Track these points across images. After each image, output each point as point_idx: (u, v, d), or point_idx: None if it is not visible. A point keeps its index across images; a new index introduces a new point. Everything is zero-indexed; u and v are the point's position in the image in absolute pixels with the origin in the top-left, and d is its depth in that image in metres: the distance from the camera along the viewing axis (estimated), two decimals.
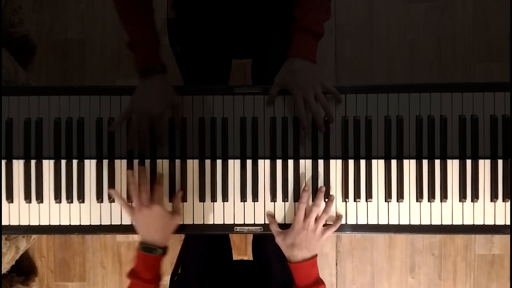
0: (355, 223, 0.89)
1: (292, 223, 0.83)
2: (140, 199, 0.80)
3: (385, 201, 0.89)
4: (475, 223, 0.88)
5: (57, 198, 0.90)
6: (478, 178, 0.88)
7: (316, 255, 0.82)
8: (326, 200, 0.88)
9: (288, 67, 0.86)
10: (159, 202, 0.82)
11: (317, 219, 0.84)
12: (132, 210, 0.82)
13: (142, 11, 0.86)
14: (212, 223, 0.90)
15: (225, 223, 0.90)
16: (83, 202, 0.90)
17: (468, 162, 0.88)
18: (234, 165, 0.90)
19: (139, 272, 0.78)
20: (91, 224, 0.90)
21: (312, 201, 0.87)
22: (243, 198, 0.89)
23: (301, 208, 0.83)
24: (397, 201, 0.89)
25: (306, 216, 0.83)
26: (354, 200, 0.89)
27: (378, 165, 0.89)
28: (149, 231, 0.80)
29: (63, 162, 0.90)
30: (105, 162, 0.90)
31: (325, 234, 0.84)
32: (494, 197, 0.87)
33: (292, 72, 0.84)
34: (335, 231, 0.88)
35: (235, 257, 1.53)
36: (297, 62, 0.85)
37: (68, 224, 0.90)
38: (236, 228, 0.90)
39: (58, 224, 0.90)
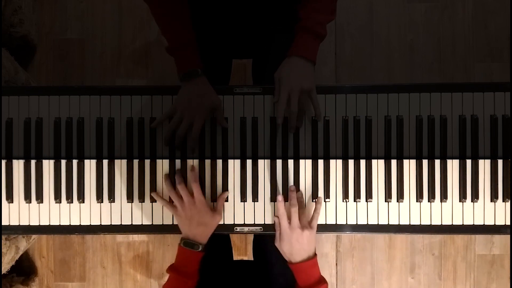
0: (355, 223, 0.89)
1: (280, 234, 0.83)
2: (181, 196, 0.84)
3: (385, 201, 0.89)
4: (475, 223, 0.88)
5: (57, 198, 0.90)
6: (478, 178, 0.88)
7: (316, 255, 0.83)
8: (315, 201, 0.88)
9: (286, 64, 0.87)
10: (200, 197, 0.84)
11: (300, 219, 0.83)
12: (175, 209, 0.85)
13: (179, 17, 0.87)
14: None
15: (225, 223, 0.90)
16: (83, 202, 0.90)
17: (468, 162, 0.88)
18: (234, 165, 0.90)
19: (178, 267, 0.82)
20: (91, 224, 0.90)
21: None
22: (243, 198, 0.89)
23: (281, 218, 0.84)
24: (397, 201, 0.89)
25: (289, 219, 0.83)
26: (354, 200, 0.89)
27: (378, 165, 0.89)
28: (190, 227, 0.83)
29: (63, 162, 0.90)
30: (105, 162, 0.90)
31: (312, 224, 0.84)
32: (494, 197, 0.87)
33: (290, 68, 0.86)
34: (336, 231, 0.88)
35: (235, 257, 1.52)
36: (296, 61, 0.86)
37: (68, 224, 0.90)
38: (236, 228, 0.90)
39: (58, 224, 0.90)
